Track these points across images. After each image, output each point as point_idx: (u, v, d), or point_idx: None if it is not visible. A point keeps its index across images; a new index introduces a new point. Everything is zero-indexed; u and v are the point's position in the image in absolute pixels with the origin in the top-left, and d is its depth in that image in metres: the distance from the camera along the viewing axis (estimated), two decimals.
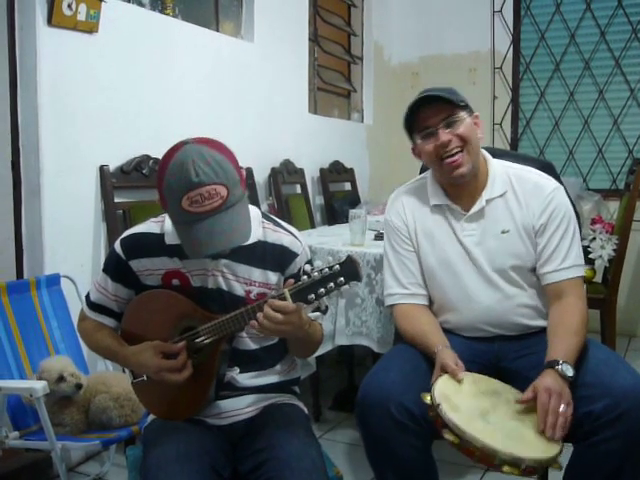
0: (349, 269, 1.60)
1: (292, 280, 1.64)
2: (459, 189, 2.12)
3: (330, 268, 1.60)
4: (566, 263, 2.05)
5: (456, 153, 2.02)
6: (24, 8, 2.83)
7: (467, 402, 1.81)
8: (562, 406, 1.76)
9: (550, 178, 2.15)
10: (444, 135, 2.01)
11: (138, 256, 1.83)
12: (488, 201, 2.10)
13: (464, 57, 5.85)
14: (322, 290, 1.60)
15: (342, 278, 1.60)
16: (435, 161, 2.06)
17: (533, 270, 2.10)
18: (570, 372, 1.83)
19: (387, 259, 2.23)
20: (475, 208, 2.10)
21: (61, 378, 2.45)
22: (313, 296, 1.60)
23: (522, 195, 2.10)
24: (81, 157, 3.08)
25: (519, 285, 2.10)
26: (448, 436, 1.72)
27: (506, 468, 1.66)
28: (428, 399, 1.78)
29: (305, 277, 1.61)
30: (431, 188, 2.17)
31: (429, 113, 2.03)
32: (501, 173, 2.13)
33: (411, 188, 2.26)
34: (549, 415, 1.74)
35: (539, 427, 1.75)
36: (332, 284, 1.60)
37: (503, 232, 2.09)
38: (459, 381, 1.86)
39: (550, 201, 2.07)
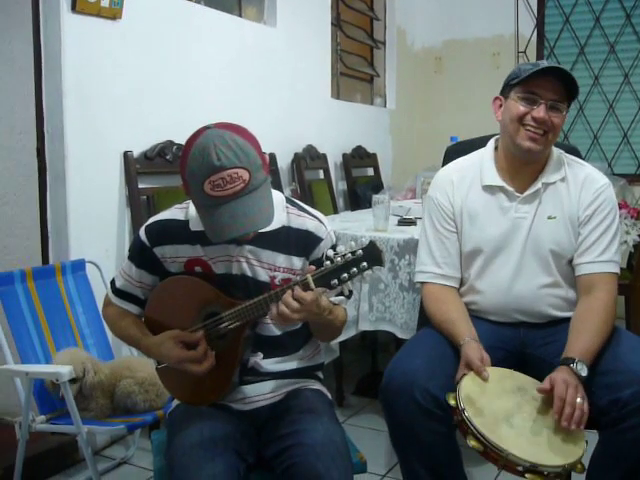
0: (372, 254, 1.59)
1: (313, 267, 1.64)
2: (518, 168, 2.10)
3: (353, 253, 1.59)
4: (604, 257, 2.04)
5: (538, 132, 2.01)
6: None
7: (491, 404, 1.80)
8: (579, 399, 1.75)
9: (603, 174, 2.13)
10: (544, 112, 1.98)
11: (162, 243, 1.83)
12: (544, 185, 2.09)
13: (487, 41, 5.80)
14: (345, 275, 1.59)
15: (365, 263, 1.59)
16: (516, 123, 2.03)
17: (571, 261, 2.08)
18: (584, 372, 1.82)
19: (425, 236, 2.21)
20: (531, 190, 2.09)
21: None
22: (336, 281, 1.60)
23: (573, 185, 2.09)
24: (105, 143, 3.09)
25: (554, 275, 2.09)
26: (473, 442, 1.72)
27: (529, 476, 1.67)
28: (453, 402, 1.78)
29: (328, 262, 1.60)
30: (487, 167, 2.15)
31: (546, 84, 2.00)
32: (559, 161, 2.12)
33: (462, 166, 2.22)
34: (566, 406, 1.73)
35: (555, 416, 1.74)
36: (355, 269, 1.59)
37: (549, 218, 2.08)
38: (484, 379, 1.85)
39: (599, 195, 2.07)
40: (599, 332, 1.92)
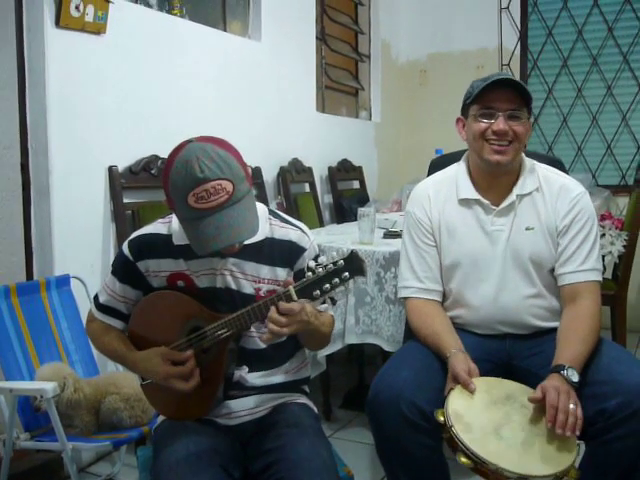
0: (353, 264, 1.61)
1: (291, 280, 1.65)
2: (491, 182, 2.11)
3: (334, 264, 1.61)
4: (585, 266, 2.04)
5: (502, 144, 2.02)
6: (32, 9, 2.84)
7: (480, 417, 1.80)
8: (571, 405, 1.75)
9: (578, 183, 2.15)
10: (503, 124, 2.00)
11: (145, 257, 1.83)
12: (518, 197, 2.10)
13: (472, 54, 5.84)
14: (327, 286, 1.61)
15: (347, 273, 1.60)
16: (479, 140, 2.04)
17: (552, 271, 2.09)
18: (575, 378, 1.82)
19: (405, 251, 2.21)
20: (506, 202, 2.10)
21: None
22: (318, 292, 1.61)
23: (549, 195, 2.10)
24: (90, 158, 3.08)
25: (537, 286, 2.09)
26: (463, 459, 1.72)
27: None
28: (441, 418, 1.78)
29: (310, 273, 1.62)
30: (462, 180, 2.16)
31: (500, 96, 2.01)
32: (532, 171, 2.13)
33: (438, 181, 2.24)
34: (559, 413, 1.73)
35: (548, 424, 1.74)
36: (337, 279, 1.60)
37: (527, 229, 2.09)
38: (471, 391, 1.85)
39: (576, 204, 2.08)
40: (587, 339, 1.93)
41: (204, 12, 4.14)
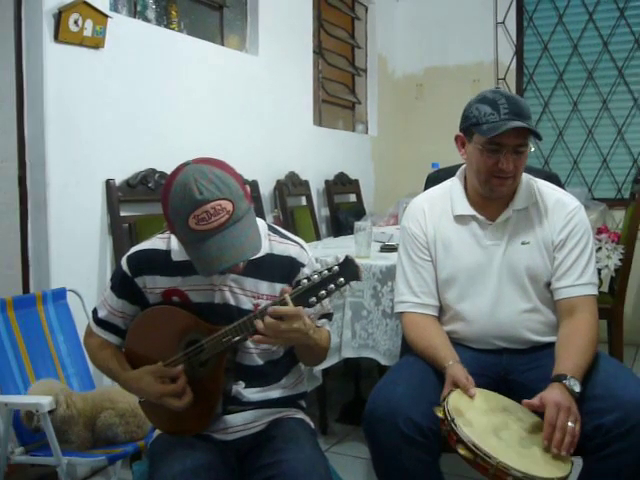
0: (348, 269, 1.62)
1: (288, 288, 1.65)
2: (486, 200, 2.11)
3: (329, 270, 1.62)
4: (582, 280, 2.05)
5: (507, 178, 2.02)
6: (31, 24, 2.85)
7: (479, 418, 1.80)
8: (570, 423, 1.75)
9: (574, 197, 2.16)
10: (508, 163, 1.98)
11: (143, 273, 1.83)
12: (515, 212, 2.10)
13: (468, 68, 5.86)
14: (323, 292, 1.62)
15: (342, 279, 1.62)
16: (484, 173, 2.03)
17: (548, 285, 2.10)
18: (577, 388, 1.82)
19: (401, 266, 2.22)
20: (502, 217, 2.10)
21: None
22: (314, 299, 1.62)
23: (544, 210, 2.11)
24: (87, 171, 3.09)
25: (533, 300, 2.10)
26: (463, 452, 1.71)
27: None
28: (440, 413, 1.78)
29: (305, 280, 1.63)
30: (456, 197, 2.16)
31: (509, 134, 1.95)
32: (528, 186, 2.14)
33: (433, 196, 2.24)
34: (557, 431, 1.73)
35: (544, 443, 1.74)
36: (332, 285, 1.62)
37: (523, 243, 2.10)
38: (471, 397, 1.85)
39: (571, 218, 2.09)
40: (587, 351, 1.94)
41: (202, 26, 4.16)
